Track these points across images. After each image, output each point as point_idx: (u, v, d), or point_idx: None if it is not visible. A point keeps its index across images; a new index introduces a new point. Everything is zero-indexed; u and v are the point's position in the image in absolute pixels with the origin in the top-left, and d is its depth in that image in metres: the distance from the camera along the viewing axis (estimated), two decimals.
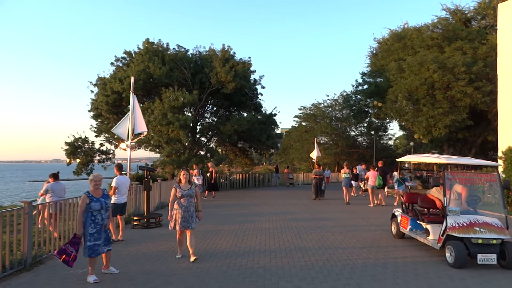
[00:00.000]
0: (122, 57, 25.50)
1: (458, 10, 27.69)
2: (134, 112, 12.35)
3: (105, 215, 5.75)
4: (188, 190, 6.69)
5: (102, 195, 5.78)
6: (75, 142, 24.74)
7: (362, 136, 44.92)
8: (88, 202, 5.59)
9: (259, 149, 28.03)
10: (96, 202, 5.61)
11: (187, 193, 6.66)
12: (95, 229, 5.59)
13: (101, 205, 5.66)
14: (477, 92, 21.18)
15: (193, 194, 6.73)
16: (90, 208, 5.57)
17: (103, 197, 5.78)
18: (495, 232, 6.31)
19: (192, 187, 6.79)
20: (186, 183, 6.75)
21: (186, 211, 6.60)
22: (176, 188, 6.69)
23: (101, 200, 5.69)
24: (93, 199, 5.63)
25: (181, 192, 6.63)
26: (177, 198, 6.66)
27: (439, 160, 7.87)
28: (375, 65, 32.16)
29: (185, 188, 6.70)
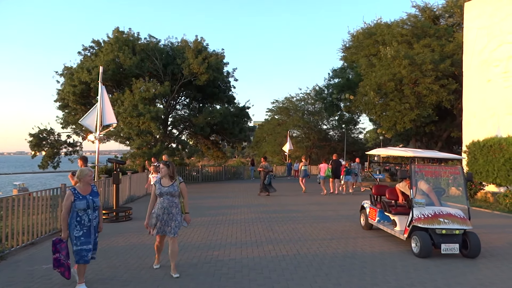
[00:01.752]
0: (90, 46, 24.72)
1: (427, 7, 28.41)
2: (102, 103, 12.00)
3: (92, 215, 4.98)
4: (169, 187, 5.50)
5: (90, 192, 5.03)
6: (40, 133, 23.89)
7: (334, 130, 45.63)
8: (73, 200, 4.87)
9: (232, 142, 27.99)
10: (82, 200, 4.88)
11: (168, 191, 5.49)
12: (81, 232, 4.84)
13: (88, 203, 4.91)
14: (443, 90, 21.88)
15: (175, 192, 5.51)
16: (75, 207, 4.84)
17: (91, 195, 5.03)
18: (458, 223, 6.56)
19: (176, 183, 5.56)
20: (166, 179, 5.61)
21: (165, 213, 5.46)
22: (155, 184, 5.61)
23: (87, 197, 4.94)
24: (78, 197, 4.90)
25: (160, 189, 5.51)
26: (158, 197, 5.55)
27: (406, 153, 8.09)
28: (347, 59, 32.63)
29: (166, 185, 5.53)
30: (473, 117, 17.14)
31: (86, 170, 5.07)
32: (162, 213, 5.45)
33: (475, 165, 14.58)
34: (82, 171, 5.04)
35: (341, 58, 34.64)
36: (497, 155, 13.64)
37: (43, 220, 8.00)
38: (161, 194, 5.49)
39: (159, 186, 5.53)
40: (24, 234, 7.21)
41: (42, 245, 7.40)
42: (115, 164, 11.40)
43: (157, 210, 5.47)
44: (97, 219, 5.10)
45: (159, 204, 5.48)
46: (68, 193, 4.91)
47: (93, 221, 4.99)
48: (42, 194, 8.19)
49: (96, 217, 5.06)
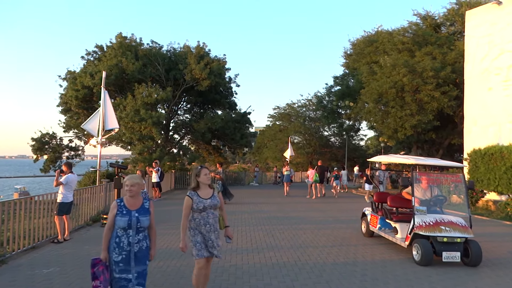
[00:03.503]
0: (93, 51, 24.89)
1: (429, 15, 28.51)
2: (105, 107, 12.07)
3: (134, 238, 3.85)
4: (211, 199, 4.48)
5: (139, 207, 3.96)
6: (42, 137, 23.97)
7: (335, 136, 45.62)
8: (115, 214, 3.87)
9: (233, 147, 28.03)
10: (124, 217, 3.83)
11: (211, 204, 4.46)
12: (120, 257, 3.80)
13: (130, 221, 3.83)
14: (444, 96, 21.92)
15: (218, 204, 4.55)
16: (115, 224, 3.87)
17: (139, 211, 3.92)
18: (460, 231, 6.55)
19: (215, 193, 4.58)
20: (206, 188, 4.53)
21: (211, 231, 4.48)
22: (191, 197, 4.43)
23: (132, 214, 3.87)
24: (121, 211, 3.86)
25: (202, 203, 4.41)
26: (195, 212, 4.46)
27: (408, 161, 8.10)
28: (348, 66, 32.71)
29: (206, 196, 4.47)
30: (474, 125, 17.15)
31: (135, 178, 4.02)
32: (207, 232, 4.46)
33: (477, 173, 14.56)
34: (131, 177, 4.00)
35: (343, 65, 34.75)
36: (498, 163, 13.63)
37: (44, 224, 8.02)
38: (204, 208, 4.43)
39: (199, 199, 4.42)
40: (25, 238, 7.22)
41: (43, 249, 7.41)
42: (117, 169, 11.42)
43: (201, 229, 4.46)
44: (144, 244, 3.94)
45: (201, 220, 4.44)
46: (113, 205, 3.95)
47: (134, 245, 3.85)
48: (44, 198, 8.21)
49: (141, 241, 3.91)
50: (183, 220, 4.45)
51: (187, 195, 4.48)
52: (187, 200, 4.46)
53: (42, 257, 6.86)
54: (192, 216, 4.50)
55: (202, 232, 4.46)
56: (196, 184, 4.51)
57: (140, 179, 4.10)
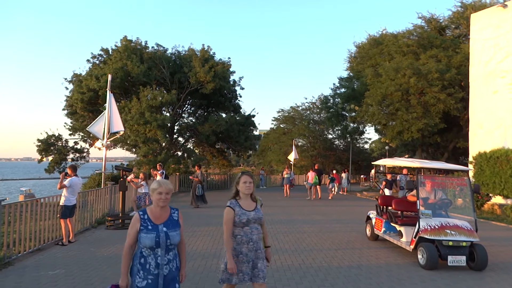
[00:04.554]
0: (98, 54, 25.07)
1: (433, 18, 28.49)
2: (110, 110, 12.14)
3: (163, 258, 3.11)
4: (255, 212, 3.81)
5: (166, 219, 3.19)
6: (48, 139, 24.15)
7: (339, 139, 45.56)
8: (138, 230, 3.11)
9: (237, 150, 28.05)
10: (150, 233, 3.07)
11: (256, 217, 3.78)
12: (145, 281, 3.07)
13: (158, 238, 3.07)
14: (450, 98, 21.86)
15: (263, 218, 3.88)
16: (140, 242, 3.10)
17: (167, 225, 3.16)
18: (465, 234, 6.51)
19: (258, 204, 3.92)
20: (248, 199, 3.85)
21: (253, 249, 3.76)
22: (233, 208, 3.76)
23: (160, 229, 3.11)
24: (146, 226, 3.09)
25: (245, 215, 3.73)
26: (236, 227, 3.77)
27: (413, 164, 8.07)
28: (353, 69, 32.71)
29: (249, 208, 3.79)
30: (480, 128, 17.07)
31: (169, 183, 3.26)
32: (249, 251, 3.74)
33: (482, 177, 14.48)
34: (165, 183, 3.21)
35: (347, 68, 34.76)
36: (504, 166, 13.56)
37: (50, 226, 8.06)
38: (248, 222, 3.72)
39: (241, 211, 3.74)
40: (31, 240, 7.26)
41: (49, 251, 7.45)
42: (122, 171, 11.48)
43: (242, 248, 3.73)
44: (174, 264, 3.20)
45: (243, 236, 3.73)
46: (134, 219, 3.16)
47: (163, 267, 3.11)
48: (49, 200, 8.26)
49: (171, 261, 3.17)
50: (227, 236, 3.74)
51: (227, 205, 3.79)
52: (228, 212, 3.73)
53: (47, 259, 6.90)
54: (233, 232, 3.75)
55: (243, 251, 3.71)
56: (236, 192, 3.86)
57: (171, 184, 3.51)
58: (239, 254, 3.73)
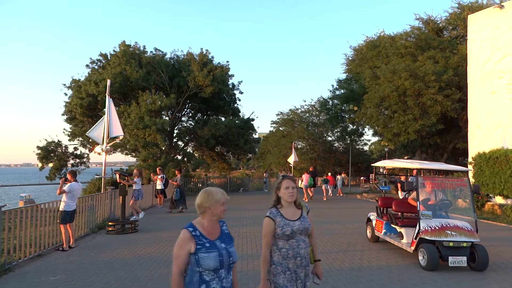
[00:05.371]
0: (97, 60, 25.08)
1: (431, 20, 28.59)
2: (109, 115, 12.15)
3: (227, 281, 2.65)
4: (301, 221, 3.26)
5: (220, 234, 2.74)
6: (47, 146, 24.13)
7: (338, 141, 45.56)
8: (194, 251, 2.57)
9: (237, 153, 28.06)
10: (211, 251, 2.58)
11: (302, 227, 3.24)
12: None
13: (221, 257, 2.59)
14: (447, 100, 21.91)
15: (310, 228, 3.32)
16: (199, 265, 2.55)
17: (223, 240, 2.72)
18: (466, 235, 6.52)
19: (304, 212, 3.34)
20: (291, 206, 3.30)
21: (302, 265, 3.22)
22: (273, 218, 3.23)
23: (219, 246, 2.64)
24: (204, 244, 2.59)
25: (289, 226, 3.19)
26: (279, 239, 3.21)
27: (412, 165, 8.10)
28: (351, 71, 32.77)
29: (293, 217, 3.25)
30: (479, 129, 17.10)
31: (219, 193, 2.74)
32: (298, 267, 3.19)
33: (482, 177, 14.49)
34: (213, 193, 2.71)
35: (345, 71, 34.82)
36: (503, 166, 13.57)
37: (50, 232, 8.06)
38: (292, 234, 3.19)
39: (284, 221, 3.20)
40: (31, 246, 7.25)
41: (49, 257, 7.44)
42: (119, 176, 11.49)
43: (289, 263, 3.17)
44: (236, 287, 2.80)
45: (289, 251, 3.18)
46: (184, 237, 2.60)
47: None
48: (49, 206, 8.26)
49: (234, 284, 2.77)
50: (264, 251, 3.21)
51: (266, 215, 3.26)
52: (267, 224, 3.22)
53: (48, 264, 6.90)
54: (275, 246, 3.21)
55: (291, 267, 3.16)
56: (276, 199, 3.31)
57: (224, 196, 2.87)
58: (286, 271, 3.15)
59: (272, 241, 3.22)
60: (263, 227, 3.25)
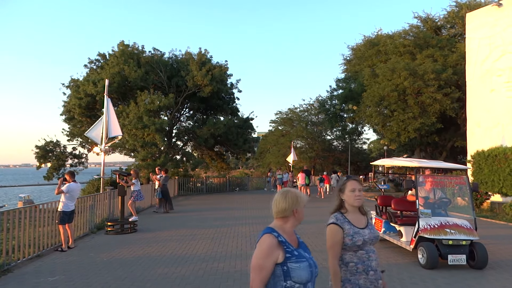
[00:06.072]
0: (96, 59, 25.03)
1: (429, 18, 28.58)
2: (108, 115, 12.13)
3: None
4: (370, 229, 2.89)
5: (297, 240, 2.43)
6: (46, 145, 24.09)
7: (337, 140, 45.60)
8: (282, 261, 2.20)
9: (236, 153, 28.05)
10: (301, 261, 2.24)
11: (372, 236, 2.87)
12: None
13: (311, 268, 2.26)
14: (446, 98, 21.92)
15: (379, 236, 3.01)
16: (287, 277, 2.19)
17: (304, 248, 2.40)
18: (465, 233, 6.52)
19: (369, 217, 3.01)
20: (356, 212, 2.92)
21: (374, 280, 2.80)
22: (341, 226, 2.82)
23: (306, 255, 2.31)
24: (292, 252, 2.25)
25: (359, 235, 2.80)
26: (346, 251, 2.82)
27: (411, 164, 8.09)
28: (349, 71, 32.77)
29: (362, 225, 2.87)
30: (477, 127, 17.11)
31: (304, 195, 2.46)
32: (371, 283, 2.78)
33: (480, 175, 14.50)
34: (300, 195, 2.42)
35: (344, 71, 34.81)
36: (502, 165, 13.58)
37: (49, 232, 8.04)
38: (363, 244, 2.80)
39: (353, 229, 2.80)
40: (30, 247, 7.24)
41: (48, 257, 7.42)
42: (118, 176, 11.47)
43: (359, 278, 2.76)
44: None
45: (359, 264, 2.78)
46: (271, 242, 2.23)
47: None
48: (48, 206, 8.25)
49: None
50: (333, 264, 2.78)
51: (331, 222, 2.84)
52: (334, 232, 2.78)
53: (47, 265, 6.88)
54: (340, 259, 2.80)
55: (361, 284, 2.74)
56: (340, 203, 2.93)
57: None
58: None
59: (340, 251, 2.77)
60: (329, 236, 2.77)
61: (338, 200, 2.93)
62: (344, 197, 2.88)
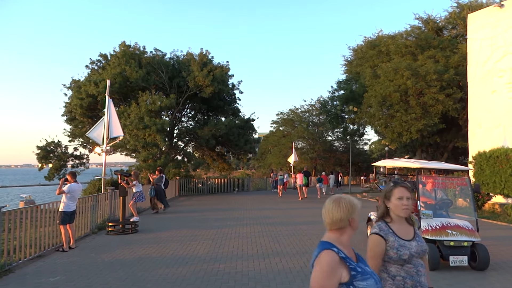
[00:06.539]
0: (97, 60, 25.07)
1: (430, 19, 28.55)
2: (109, 116, 12.15)
3: None
4: (417, 241, 2.60)
5: (355, 253, 2.20)
6: (47, 146, 24.11)
7: (339, 141, 45.56)
8: (347, 280, 1.95)
9: (237, 153, 28.06)
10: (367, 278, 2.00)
11: (419, 250, 2.57)
12: None
13: (378, 285, 2.04)
14: (448, 99, 21.90)
15: (427, 249, 2.69)
16: None
17: (363, 261, 2.18)
18: (466, 234, 6.50)
19: (416, 227, 2.87)
20: (402, 222, 2.63)
21: None
22: (384, 237, 2.54)
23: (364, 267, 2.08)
24: (356, 269, 2.00)
25: (405, 248, 2.52)
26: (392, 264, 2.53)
27: (413, 165, 8.08)
28: (350, 72, 32.75)
29: (408, 237, 2.59)
30: (479, 128, 17.09)
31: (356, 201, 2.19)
32: None
33: (482, 176, 14.48)
34: (355, 202, 2.17)
35: (345, 72, 34.80)
36: (503, 165, 13.56)
37: (50, 233, 8.05)
38: (410, 258, 2.52)
39: (399, 241, 2.53)
40: (31, 247, 7.25)
41: (49, 258, 7.43)
42: (120, 176, 11.47)
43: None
44: None
45: (407, 278, 2.49)
46: (333, 259, 1.98)
47: None
48: (49, 207, 8.25)
49: None
50: None
51: (374, 232, 2.58)
52: (377, 243, 2.53)
53: (48, 265, 6.88)
54: (385, 272, 2.53)
55: None
56: (384, 212, 2.66)
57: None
58: None
59: (382, 264, 2.53)
60: (371, 247, 2.54)
61: (383, 207, 2.66)
62: (390, 205, 2.61)
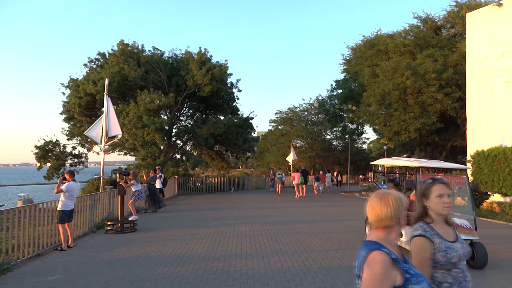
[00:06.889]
0: (95, 59, 25.05)
1: (429, 18, 28.58)
2: (108, 114, 12.12)
3: None
4: (461, 243, 2.40)
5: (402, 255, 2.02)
6: (45, 145, 24.10)
7: (337, 140, 45.62)
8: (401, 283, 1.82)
9: (236, 152, 28.07)
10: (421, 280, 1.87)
11: (464, 252, 2.37)
12: None
13: None
14: (447, 98, 21.92)
15: (470, 252, 2.49)
16: None
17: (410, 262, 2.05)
18: (465, 233, 6.51)
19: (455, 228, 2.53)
20: (441, 223, 2.43)
21: None
22: (430, 238, 2.31)
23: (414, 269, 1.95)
24: (407, 271, 1.87)
25: (453, 250, 2.31)
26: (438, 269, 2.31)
27: (411, 164, 8.09)
28: (349, 71, 32.78)
29: (451, 238, 2.39)
30: (477, 127, 17.11)
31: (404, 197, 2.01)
32: None
33: (480, 175, 14.51)
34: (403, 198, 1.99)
35: (343, 71, 34.80)
36: (502, 164, 13.59)
37: (49, 232, 8.03)
38: (458, 261, 2.32)
39: (445, 243, 2.32)
40: (29, 246, 7.23)
41: (48, 257, 7.42)
42: (119, 175, 11.47)
43: None
44: None
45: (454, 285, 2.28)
46: (385, 261, 1.82)
47: None
48: (47, 206, 8.24)
49: None
50: None
51: (418, 234, 2.34)
52: (424, 246, 2.29)
53: (46, 264, 6.87)
54: (431, 278, 2.31)
55: None
56: (422, 211, 2.43)
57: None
58: None
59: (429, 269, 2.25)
60: (417, 251, 2.27)
61: (420, 207, 2.42)
62: (429, 204, 2.38)
